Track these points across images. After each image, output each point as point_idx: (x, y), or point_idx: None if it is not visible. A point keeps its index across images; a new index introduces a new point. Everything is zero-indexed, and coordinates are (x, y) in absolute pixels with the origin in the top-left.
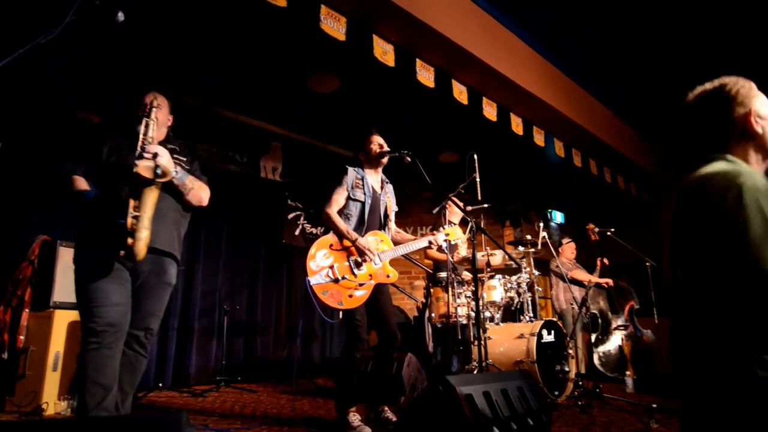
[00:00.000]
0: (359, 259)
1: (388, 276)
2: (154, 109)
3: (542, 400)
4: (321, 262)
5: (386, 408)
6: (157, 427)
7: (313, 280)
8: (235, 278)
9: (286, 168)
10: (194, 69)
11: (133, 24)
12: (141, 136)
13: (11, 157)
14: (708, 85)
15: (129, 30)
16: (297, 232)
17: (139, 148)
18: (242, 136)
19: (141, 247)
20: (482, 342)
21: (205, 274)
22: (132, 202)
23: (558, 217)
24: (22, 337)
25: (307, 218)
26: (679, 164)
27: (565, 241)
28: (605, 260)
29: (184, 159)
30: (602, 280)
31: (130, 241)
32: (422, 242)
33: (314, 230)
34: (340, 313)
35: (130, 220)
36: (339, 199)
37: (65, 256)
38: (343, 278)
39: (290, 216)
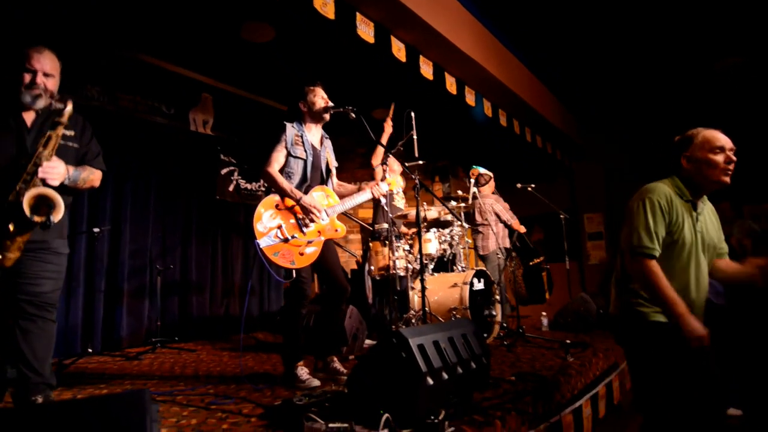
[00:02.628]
0: (306, 218)
1: (336, 231)
2: (62, 113)
3: (483, 345)
4: (268, 223)
5: (335, 358)
6: (119, 407)
7: (263, 242)
8: (167, 236)
9: (218, 121)
10: (114, 11)
11: None
12: (37, 152)
13: None
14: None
15: None
16: (231, 188)
17: (29, 170)
18: (169, 85)
19: (9, 264)
20: (424, 293)
21: (134, 233)
22: (11, 227)
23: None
24: None
25: (241, 174)
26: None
27: (485, 173)
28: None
29: (72, 134)
30: (520, 227)
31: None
32: (365, 194)
33: (249, 186)
34: (293, 272)
35: (6, 243)
36: (279, 157)
37: None
38: (293, 237)
39: (223, 171)
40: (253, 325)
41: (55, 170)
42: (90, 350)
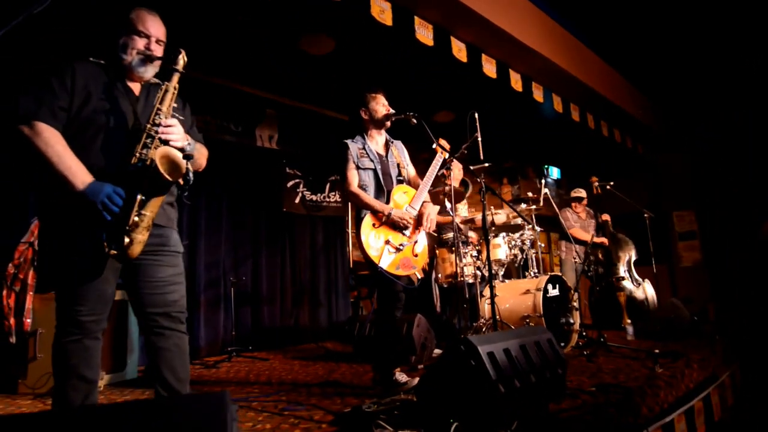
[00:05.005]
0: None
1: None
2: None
3: (557, 353)
4: (377, 244)
5: (397, 371)
6: (201, 407)
7: (383, 263)
8: (238, 249)
9: (283, 135)
10: (182, 36)
11: None
12: (154, 108)
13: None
14: None
15: None
16: (297, 201)
17: (148, 130)
18: (236, 104)
19: (137, 250)
20: (494, 300)
21: (208, 246)
22: (138, 197)
23: (554, 172)
24: (28, 321)
25: (307, 186)
26: None
27: (574, 194)
28: (603, 216)
29: (176, 105)
30: (598, 240)
31: (126, 241)
32: (432, 173)
33: (314, 197)
34: (418, 273)
35: (133, 219)
36: (354, 174)
37: None
38: (401, 245)
39: (289, 184)
40: (322, 334)
41: (175, 129)
42: None
